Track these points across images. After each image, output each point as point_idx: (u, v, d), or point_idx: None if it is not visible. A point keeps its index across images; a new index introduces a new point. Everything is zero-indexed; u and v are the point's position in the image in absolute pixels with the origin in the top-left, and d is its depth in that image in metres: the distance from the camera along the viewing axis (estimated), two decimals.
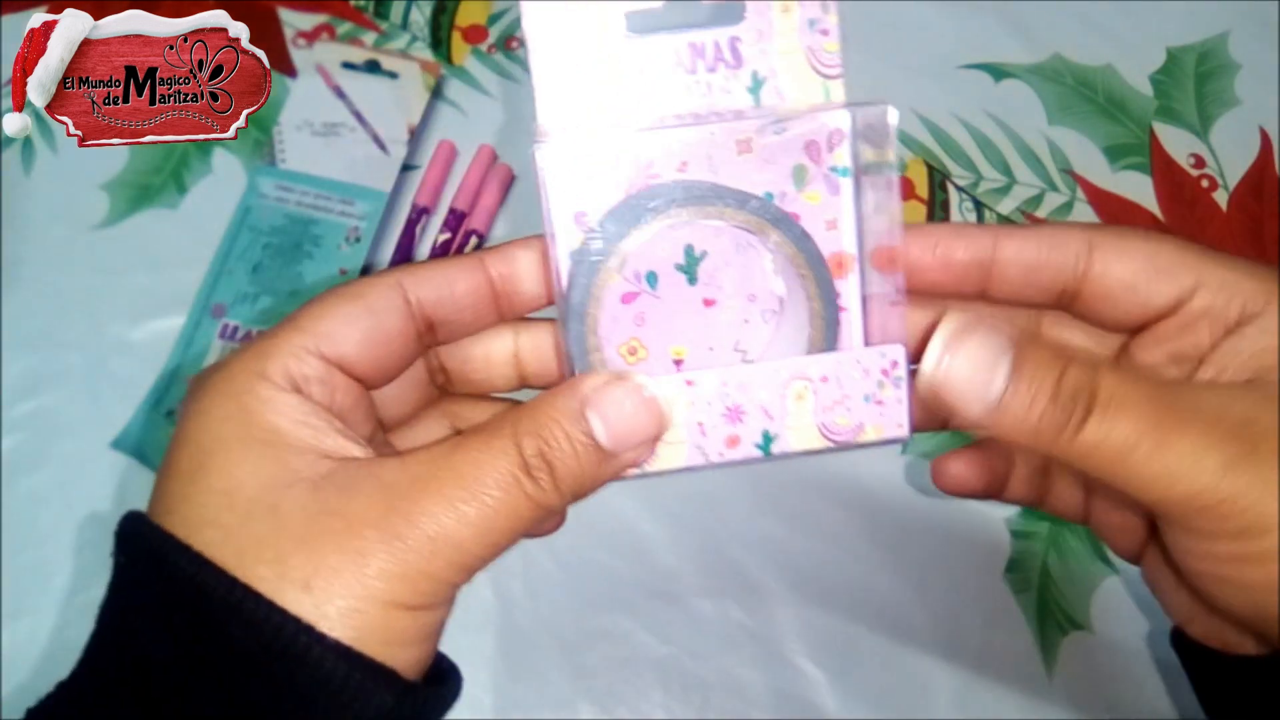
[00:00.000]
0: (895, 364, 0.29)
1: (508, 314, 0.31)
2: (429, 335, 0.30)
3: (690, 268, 0.30)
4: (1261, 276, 0.28)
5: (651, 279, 0.31)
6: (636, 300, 0.31)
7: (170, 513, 0.26)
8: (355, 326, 0.28)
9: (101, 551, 0.43)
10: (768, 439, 0.29)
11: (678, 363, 0.31)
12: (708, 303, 0.31)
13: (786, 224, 0.28)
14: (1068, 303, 0.30)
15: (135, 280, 0.48)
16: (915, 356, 0.30)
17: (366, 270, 0.48)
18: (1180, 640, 0.32)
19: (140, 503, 0.47)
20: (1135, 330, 0.30)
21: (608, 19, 0.28)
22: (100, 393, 0.46)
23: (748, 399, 0.28)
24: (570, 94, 0.28)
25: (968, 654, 0.43)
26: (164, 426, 0.45)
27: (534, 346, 0.32)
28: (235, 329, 0.47)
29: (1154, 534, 0.33)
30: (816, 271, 0.29)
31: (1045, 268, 0.30)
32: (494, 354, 0.32)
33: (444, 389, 0.33)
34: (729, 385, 0.28)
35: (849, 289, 0.30)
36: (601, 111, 0.29)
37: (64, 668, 0.26)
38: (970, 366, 0.27)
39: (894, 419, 0.29)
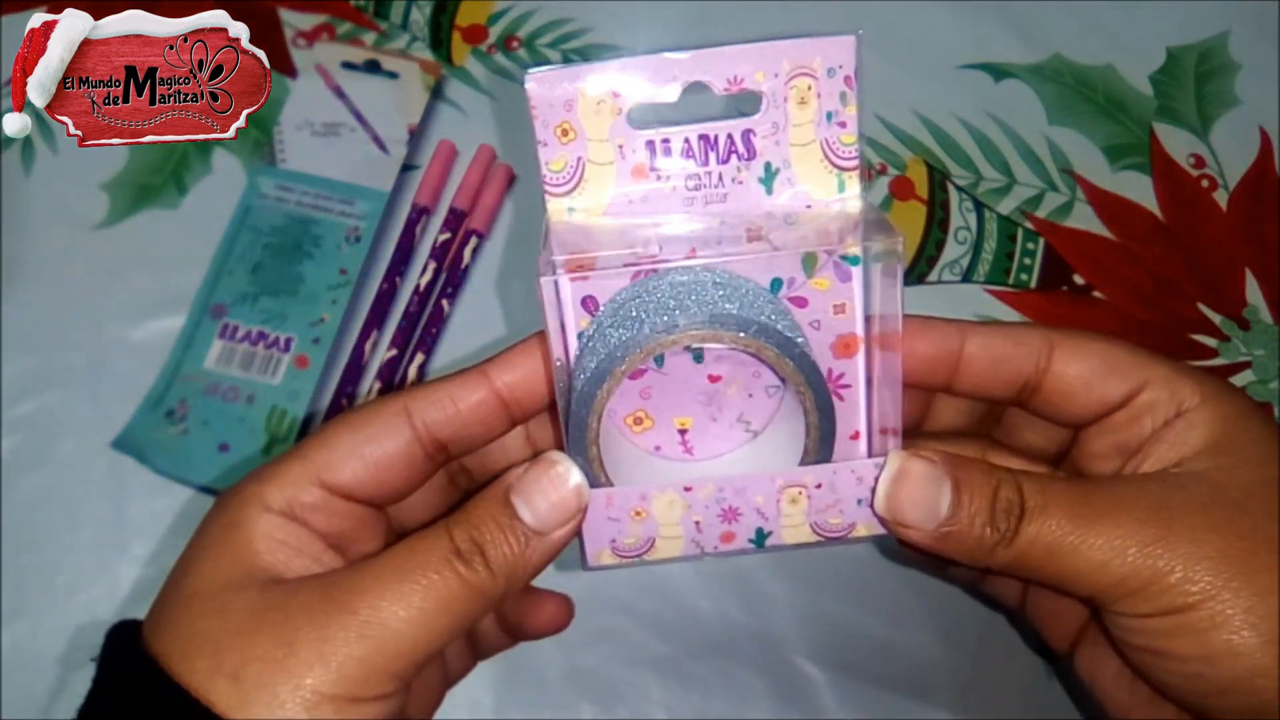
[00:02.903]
0: None
1: (519, 419, 0.32)
2: (440, 453, 0.31)
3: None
4: (1199, 378, 0.31)
5: (659, 358, 0.31)
6: (644, 376, 0.31)
7: (151, 616, 0.28)
8: (357, 455, 0.29)
9: (101, 552, 0.43)
10: (761, 535, 0.30)
11: (682, 432, 0.32)
12: (713, 379, 0.31)
13: (787, 346, 0.28)
14: (1027, 397, 0.32)
15: (135, 280, 0.48)
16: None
17: (366, 269, 0.48)
18: None
19: (139, 502, 0.47)
20: (1086, 424, 0.32)
21: (614, 106, 0.28)
22: (100, 393, 0.46)
23: (743, 502, 0.29)
24: (572, 184, 0.29)
25: (968, 654, 0.43)
26: (164, 426, 0.45)
27: (546, 433, 0.33)
28: (235, 329, 0.47)
29: (1091, 624, 0.34)
30: (815, 388, 0.29)
31: (1010, 360, 0.32)
32: (509, 445, 0.34)
33: (467, 490, 0.34)
34: (725, 491, 0.29)
35: (855, 369, 0.31)
36: (608, 200, 0.29)
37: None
38: (918, 499, 0.29)
39: None
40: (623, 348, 0.28)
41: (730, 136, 0.28)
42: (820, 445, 0.30)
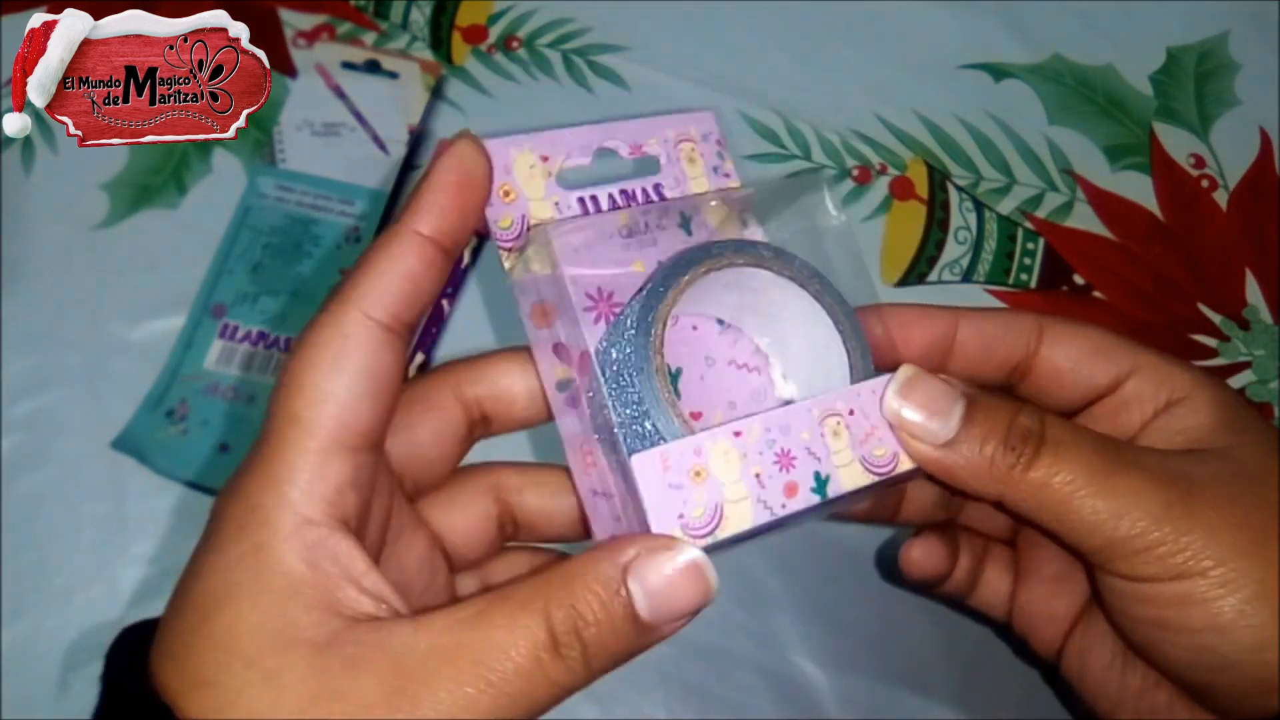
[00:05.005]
0: None
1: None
2: (406, 330, 0.28)
3: (673, 382, 0.31)
4: (1187, 367, 0.31)
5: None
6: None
7: (171, 657, 0.24)
8: (350, 381, 0.25)
9: (101, 552, 0.42)
10: (820, 481, 0.29)
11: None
12: (695, 416, 0.31)
13: (824, 280, 0.30)
14: (1017, 381, 0.33)
15: (135, 280, 0.48)
16: None
17: None
18: None
19: (139, 502, 0.47)
20: (1075, 411, 0.33)
21: (544, 169, 0.30)
22: (100, 393, 0.46)
23: (792, 442, 0.28)
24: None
25: (967, 654, 0.43)
26: (164, 426, 0.45)
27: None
28: (235, 329, 0.47)
29: (1080, 620, 0.34)
30: (852, 322, 0.31)
31: (1002, 343, 0.32)
32: (517, 392, 0.32)
33: (515, 536, 0.33)
34: (772, 430, 0.28)
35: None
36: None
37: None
38: (926, 407, 0.28)
39: None
40: (667, 274, 0.28)
41: (645, 191, 0.31)
42: (864, 358, 0.30)
